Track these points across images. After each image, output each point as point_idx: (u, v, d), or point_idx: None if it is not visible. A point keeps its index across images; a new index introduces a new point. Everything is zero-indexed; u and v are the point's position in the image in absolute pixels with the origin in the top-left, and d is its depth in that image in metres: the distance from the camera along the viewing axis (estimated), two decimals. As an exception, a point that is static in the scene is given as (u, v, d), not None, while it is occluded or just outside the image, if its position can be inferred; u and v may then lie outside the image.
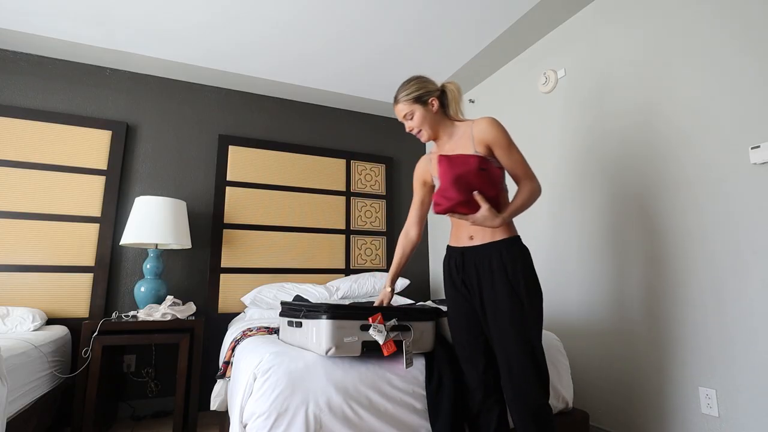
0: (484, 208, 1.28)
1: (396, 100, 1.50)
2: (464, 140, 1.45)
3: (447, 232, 3.32)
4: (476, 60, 2.75)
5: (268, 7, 2.24)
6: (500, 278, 1.33)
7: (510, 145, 1.39)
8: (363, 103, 3.35)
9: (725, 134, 1.59)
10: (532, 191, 1.38)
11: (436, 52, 2.67)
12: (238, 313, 2.75)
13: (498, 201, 1.33)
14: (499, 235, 1.38)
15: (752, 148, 1.50)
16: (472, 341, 1.41)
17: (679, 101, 1.77)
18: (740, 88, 1.56)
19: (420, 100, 1.47)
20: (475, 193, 1.27)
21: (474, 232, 1.42)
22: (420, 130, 1.49)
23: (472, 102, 3.09)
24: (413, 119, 1.47)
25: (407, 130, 1.51)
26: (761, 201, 1.48)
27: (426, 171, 1.62)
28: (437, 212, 1.30)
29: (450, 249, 1.51)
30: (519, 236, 1.41)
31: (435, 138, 1.52)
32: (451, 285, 1.48)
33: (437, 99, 1.48)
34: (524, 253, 1.38)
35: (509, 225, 1.41)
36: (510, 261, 1.34)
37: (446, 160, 1.30)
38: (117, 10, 2.24)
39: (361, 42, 2.56)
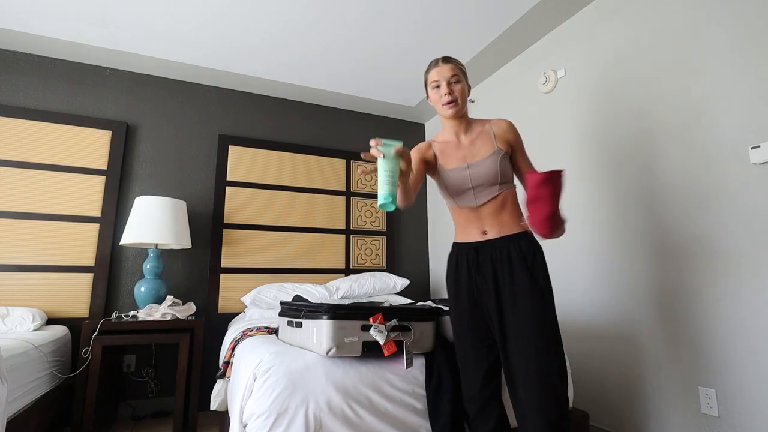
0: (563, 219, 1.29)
1: (446, 60, 1.43)
2: (484, 137, 1.45)
3: (447, 231, 3.32)
4: (476, 60, 2.75)
5: (268, 7, 2.24)
6: (520, 269, 1.31)
7: (523, 148, 1.48)
8: (363, 103, 3.35)
9: (725, 134, 1.59)
10: None
11: (436, 52, 2.67)
12: (238, 313, 2.75)
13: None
14: (515, 230, 1.38)
15: (752, 148, 1.50)
16: (477, 345, 1.36)
17: (679, 101, 1.77)
18: (740, 88, 1.56)
19: (466, 77, 1.46)
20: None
21: (488, 226, 1.40)
22: (457, 99, 1.41)
23: (472, 102, 3.09)
24: (459, 84, 1.42)
25: (444, 92, 1.41)
26: (761, 201, 1.48)
27: (429, 152, 1.50)
28: (533, 225, 1.26)
29: (458, 246, 1.45)
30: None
31: (459, 117, 1.46)
32: (459, 282, 1.41)
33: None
34: (540, 247, 1.38)
35: (521, 221, 1.40)
36: (530, 252, 1.34)
37: (541, 174, 1.19)
38: (117, 10, 2.24)
39: (360, 42, 2.56)
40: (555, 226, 1.24)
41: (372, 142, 1.14)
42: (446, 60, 1.44)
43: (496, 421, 1.32)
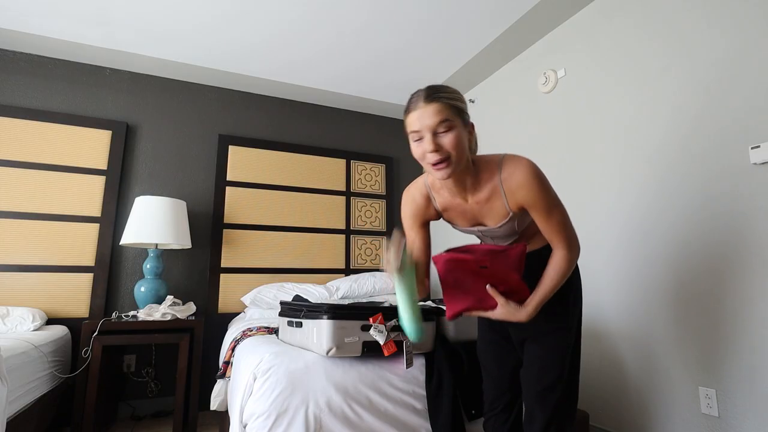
0: (500, 303, 1.06)
1: (429, 98, 1.00)
2: (494, 198, 1.09)
3: (447, 231, 3.31)
4: (476, 60, 2.75)
5: (268, 8, 2.24)
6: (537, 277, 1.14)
7: (551, 207, 1.05)
8: (363, 103, 3.35)
9: (725, 134, 1.59)
10: (567, 266, 1.08)
11: (437, 52, 2.67)
12: (238, 313, 2.75)
13: (520, 284, 1.08)
14: (539, 244, 1.19)
15: (752, 148, 1.50)
16: (496, 342, 1.29)
17: (679, 101, 1.77)
18: (740, 88, 1.56)
19: (462, 115, 1.03)
20: (488, 287, 1.06)
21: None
22: (449, 157, 1.00)
23: (473, 102, 3.09)
24: (449, 135, 0.99)
25: (430, 149, 0.99)
26: (761, 201, 1.48)
27: (431, 211, 1.21)
28: (449, 318, 1.14)
29: None
30: None
31: (455, 177, 1.07)
32: None
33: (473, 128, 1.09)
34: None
35: None
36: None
37: (441, 262, 1.07)
38: (117, 10, 2.24)
39: (361, 42, 2.56)
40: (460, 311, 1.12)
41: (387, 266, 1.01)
42: (430, 97, 0.99)
43: (512, 424, 1.27)
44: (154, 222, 2.33)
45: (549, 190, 1.06)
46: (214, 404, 1.88)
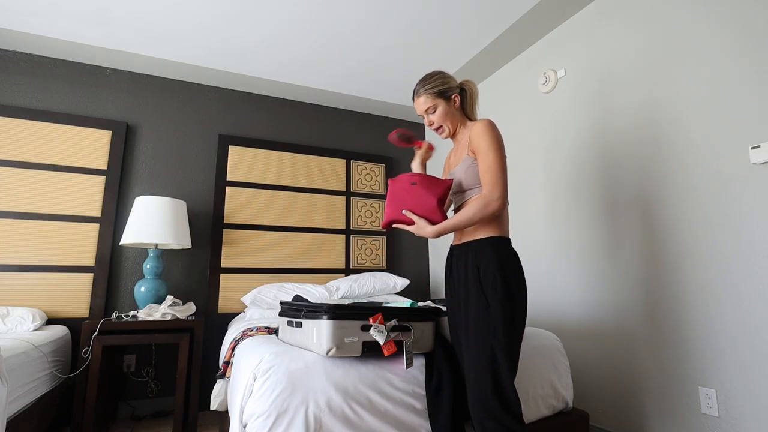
0: (414, 219, 1.35)
1: (417, 93, 1.46)
2: (464, 143, 1.45)
3: (447, 232, 3.31)
4: (476, 60, 2.75)
5: (267, 7, 2.24)
6: (472, 277, 1.29)
7: (487, 150, 1.31)
8: (363, 103, 3.35)
9: (725, 134, 1.59)
10: (481, 205, 1.28)
11: (436, 52, 2.67)
12: (238, 313, 2.75)
13: (441, 209, 1.36)
14: (482, 234, 1.34)
15: (752, 148, 1.50)
16: (457, 341, 1.42)
17: (679, 101, 1.77)
18: (740, 88, 1.56)
19: (443, 94, 1.44)
20: (404, 211, 1.37)
21: (460, 231, 1.42)
22: (441, 126, 1.47)
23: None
24: (435, 114, 1.45)
25: (427, 124, 1.49)
26: (761, 201, 1.48)
27: (447, 161, 1.62)
28: (382, 227, 1.46)
29: (450, 247, 1.53)
30: (505, 237, 1.34)
31: (454, 135, 1.51)
32: (446, 281, 1.49)
33: (458, 95, 1.47)
34: (503, 253, 1.30)
35: (497, 224, 1.34)
36: (483, 259, 1.29)
37: (390, 181, 1.44)
38: (117, 10, 2.24)
39: (360, 42, 2.56)
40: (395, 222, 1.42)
41: None
42: (416, 93, 1.47)
43: None
44: (154, 222, 2.33)
45: (493, 140, 1.32)
46: (214, 404, 1.88)
